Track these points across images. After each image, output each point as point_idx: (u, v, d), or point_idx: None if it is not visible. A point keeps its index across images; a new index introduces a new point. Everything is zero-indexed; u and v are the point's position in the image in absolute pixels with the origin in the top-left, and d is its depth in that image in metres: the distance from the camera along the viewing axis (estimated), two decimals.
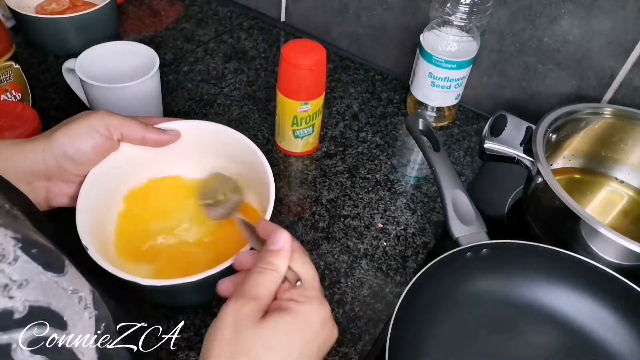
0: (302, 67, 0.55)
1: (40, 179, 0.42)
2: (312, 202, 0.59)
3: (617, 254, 0.46)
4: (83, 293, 0.27)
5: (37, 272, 0.24)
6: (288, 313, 0.33)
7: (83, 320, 0.27)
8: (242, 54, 0.80)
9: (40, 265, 0.25)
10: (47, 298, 0.24)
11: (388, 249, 0.55)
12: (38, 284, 0.24)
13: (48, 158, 0.41)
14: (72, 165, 0.42)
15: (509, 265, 0.49)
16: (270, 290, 0.34)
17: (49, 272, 0.25)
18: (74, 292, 0.27)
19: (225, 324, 0.32)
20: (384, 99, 0.75)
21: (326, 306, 0.35)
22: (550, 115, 0.55)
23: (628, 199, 0.60)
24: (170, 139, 0.48)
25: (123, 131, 0.44)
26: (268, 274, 0.34)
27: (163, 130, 0.47)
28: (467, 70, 0.65)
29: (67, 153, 0.42)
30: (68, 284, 0.26)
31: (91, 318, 0.27)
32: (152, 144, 0.47)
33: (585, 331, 0.48)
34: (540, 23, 0.63)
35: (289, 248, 0.36)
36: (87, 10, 0.72)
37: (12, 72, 0.59)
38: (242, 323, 0.32)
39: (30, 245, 0.25)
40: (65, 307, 0.25)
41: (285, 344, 0.32)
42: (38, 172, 0.41)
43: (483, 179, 0.65)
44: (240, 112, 0.70)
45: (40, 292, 0.24)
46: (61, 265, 0.27)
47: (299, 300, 0.34)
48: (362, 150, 0.66)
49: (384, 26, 0.77)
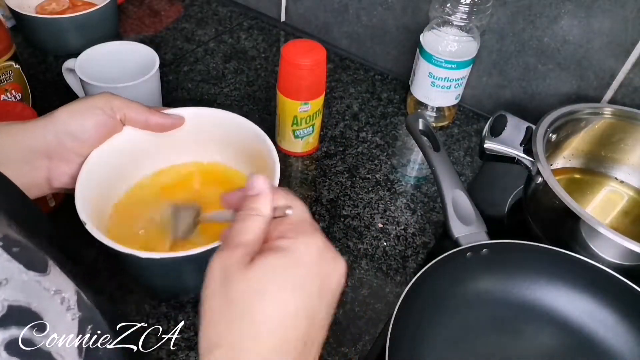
0: (302, 67, 0.55)
1: (41, 157, 0.41)
2: (312, 202, 0.59)
3: (617, 254, 0.46)
4: (66, 294, 0.27)
5: (17, 271, 0.24)
6: (277, 251, 0.30)
7: (65, 322, 0.26)
8: (242, 54, 0.80)
9: (22, 264, 0.24)
10: (27, 298, 0.24)
11: (388, 249, 0.55)
12: (18, 283, 0.24)
13: (49, 135, 0.40)
14: (74, 142, 0.42)
15: (509, 265, 0.49)
16: (255, 234, 0.31)
17: (31, 271, 0.25)
18: (57, 293, 0.26)
19: (213, 275, 0.30)
20: (384, 99, 0.75)
21: (318, 236, 0.32)
22: (550, 115, 0.55)
23: (628, 199, 0.60)
24: (174, 123, 0.47)
25: (126, 112, 0.43)
26: (251, 219, 0.32)
27: (167, 114, 0.47)
28: (467, 70, 0.65)
29: (68, 129, 0.41)
30: (50, 284, 0.26)
31: (74, 320, 0.27)
32: (155, 127, 0.46)
33: (585, 331, 0.48)
34: (540, 23, 0.63)
35: (268, 189, 0.33)
36: (87, 10, 0.72)
37: (12, 72, 0.59)
38: (229, 270, 0.29)
39: (12, 244, 0.24)
40: (46, 308, 0.25)
41: (276, 284, 0.29)
42: (38, 150, 0.40)
43: (483, 179, 0.65)
44: (240, 112, 0.69)
45: (20, 292, 0.23)
46: (44, 264, 0.26)
47: (288, 236, 0.31)
48: (362, 150, 0.66)
49: (384, 26, 0.77)
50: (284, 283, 0.29)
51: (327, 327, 0.31)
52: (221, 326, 0.29)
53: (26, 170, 0.40)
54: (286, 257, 0.30)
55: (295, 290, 0.29)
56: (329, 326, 0.32)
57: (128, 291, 0.48)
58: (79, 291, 0.28)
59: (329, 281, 0.31)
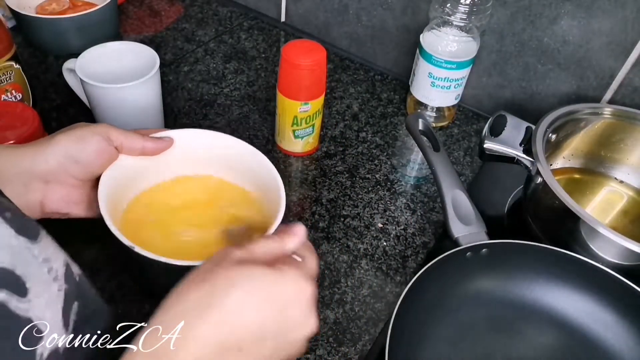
0: (302, 67, 0.55)
1: (38, 180, 0.41)
2: (312, 202, 0.59)
3: (617, 254, 0.46)
4: (55, 264, 0.27)
5: (8, 235, 0.24)
6: (269, 266, 0.32)
7: (50, 292, 0.26)
8: (242, 54, 0.80)
9: (13, 229, 0.25)
10: (12, 261, 0.24)
11: (388, 249, 0.55)
12: (6, 247, 0.24)
13: (51, 159, 0.41)
14: (76, 166, 0.42)
15: (508, 265, 0.49)
16: (265, 251, 0.33)
17: (22, 236, 0.25)
18: (45, 261, 0.26)
19: (211, 259, 0.32)
20: (384, 99, 0.75)
21: (311, 289, 0.33)
22: (550, 115, 0.55)
23: (628, 199, 0.60)
24: (167, 145, 0.48)
25: (123, 141, 0.44)
26: (272, 240, 0.35)
27: (159, 138, 0.48)
28: (467, 71, 0.65)
29: (70, 153, 0.41)
30: (40, 252, 0.26)
31: (60, 291, 0.27)
32: (151, 152, 0.47)
33: (585, 331, 0.48)
34: (540, 23, 0.63)
35: (303, 237, 0.36)
36: (87, 10, 0.72)
37: (13, 72, 0.59)
38: (222, 259, 0.32)
39: (5, 210, 0.25)
40: (32, 274, 0.25)
41: (246, 287, 0.30)
42: (37, 174, 0.41)
43: (483, 179, 0.65)
44: (241, 112, 0.70)
45: (7, 255, 0.24)
46: (35, 233, 0.26)
47: (288, 264, 0.33)
48: (362, 150, 0.66)
49: (384, 26, 0.77)
50: (255, 290, 0.30)
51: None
52: (190, 297, 0.30)
53: (22, 192, 0.40)
54: (273, 275, 0.31)
55: (263, 305, 0.31)
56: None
57: (128, 291, 0.48)
58: (69, 264, 0.28)
59: (294, 331, 0.32)
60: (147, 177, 0.50)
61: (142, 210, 0.49)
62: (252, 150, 0.49)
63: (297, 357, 0.34)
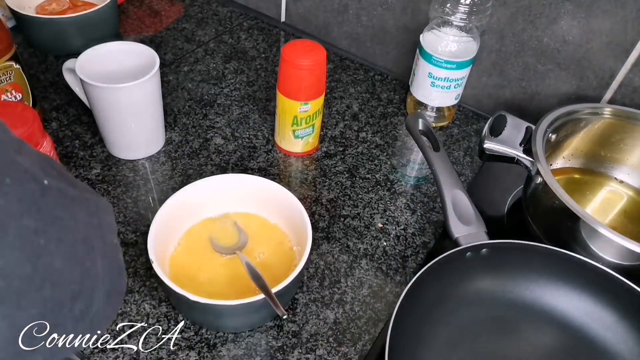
0: (302, 67, 0.55)
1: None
2: (312, 202, 0.59)
3: (617, 254, 0.46)
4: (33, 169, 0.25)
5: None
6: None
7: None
8: (242, 54, 0.80)
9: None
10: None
11: (388, 248, 0.55)
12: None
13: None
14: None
15: (508, 265, 0.49)
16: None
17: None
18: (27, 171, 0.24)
19: None
20: (384, 99, 0.75)
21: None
22: (549, 115, 0.55)
23: (628, 198, 0.60)
24: None
25: None
26: None
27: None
28: (467, 71, 0.65)
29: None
30: (23, 160, 0.24)
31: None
32: None
33: (584, 331, 0.48)
34: (540, 23, 0.63)
35: None
36: (87, 10, 0.72)
37: (13, 72, 0.59)
38: None
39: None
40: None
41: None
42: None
43: (483, 179, 0.65)
44: (241, 112, 0.70)
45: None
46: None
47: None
48: (362, 150, 0.66)
49: (384, 26, 0.77)
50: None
51: None
52: None
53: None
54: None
55: None
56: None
57: (128, 291, 0.48)
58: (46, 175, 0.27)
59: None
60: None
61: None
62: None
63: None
